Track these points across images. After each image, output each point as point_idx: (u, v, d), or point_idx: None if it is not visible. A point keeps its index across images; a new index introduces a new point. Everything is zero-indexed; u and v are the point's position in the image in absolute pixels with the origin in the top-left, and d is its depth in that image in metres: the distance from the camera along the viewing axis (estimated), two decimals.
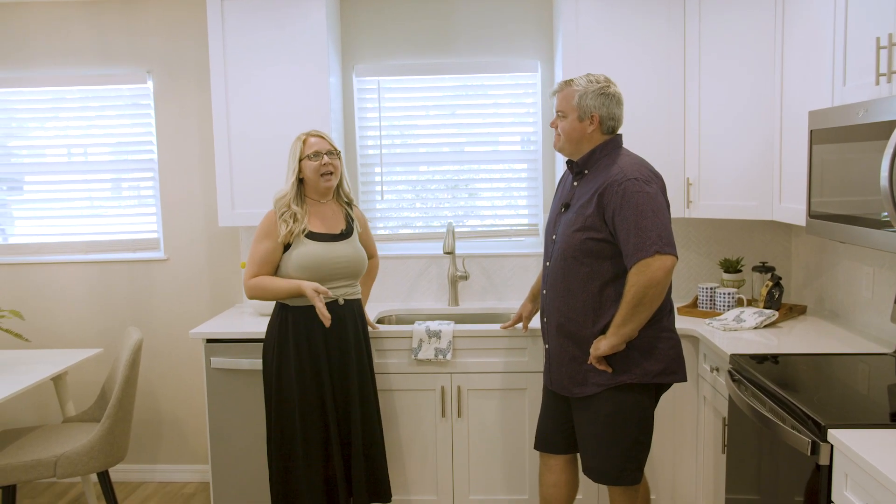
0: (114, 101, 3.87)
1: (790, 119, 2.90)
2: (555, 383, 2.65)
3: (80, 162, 3.93)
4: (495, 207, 3.88)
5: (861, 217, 2.18)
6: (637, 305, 2.37)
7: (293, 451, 2.84)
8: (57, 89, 3.85)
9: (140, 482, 3.98)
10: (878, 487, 1.66)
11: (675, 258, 2.37)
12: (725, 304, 3.30)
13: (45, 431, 3.31)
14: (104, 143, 3.90)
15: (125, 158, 3.90)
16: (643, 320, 2.41)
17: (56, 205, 3.97)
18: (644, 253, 2.34)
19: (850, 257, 3.04)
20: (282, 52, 3.41)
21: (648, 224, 2.35)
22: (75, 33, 3.79)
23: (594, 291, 2.49)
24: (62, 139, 3.91)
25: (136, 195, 3.97)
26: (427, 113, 3.82)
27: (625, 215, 2.37)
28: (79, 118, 3.88)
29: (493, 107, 3.79)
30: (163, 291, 3.92)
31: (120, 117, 3.88)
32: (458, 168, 3.85)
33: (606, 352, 2.45)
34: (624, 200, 2.37)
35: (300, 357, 2.82)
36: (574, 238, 2.49)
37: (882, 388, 2.31)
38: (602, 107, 2.50)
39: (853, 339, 2.85)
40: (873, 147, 2.09)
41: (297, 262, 2.81)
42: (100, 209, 3.96)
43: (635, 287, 2.36)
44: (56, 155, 3.93)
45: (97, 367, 3.90)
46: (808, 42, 2.73)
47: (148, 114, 3.85)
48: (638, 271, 2.36)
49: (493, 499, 3.27)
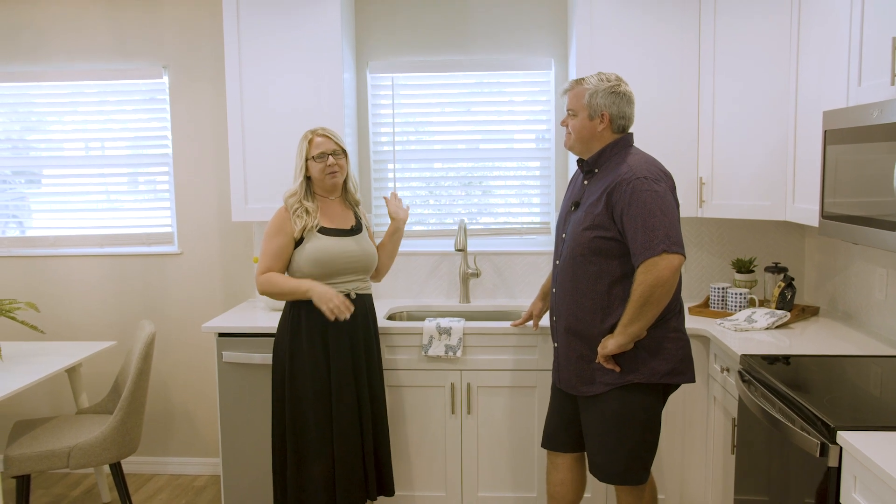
0: (130, 96, 3.90)
1: (804, 119, 2.88)
2: (563, 382, 2.65)
3: (97, 156, 3.97)
4: (508, 205, 3.89)
5: (875, 218, 2.17)
6: (644, 304, 2.36)
7: (306, 445, 2.85)
8: (74, 84, 3.89)
9: (152, 474, 4.02)
10: (886, 490, 1.65)
11: (683, 257, 2.37)
12: (737, 305, 3.28)
13: (59, 422, 3.35)
14: (120, 137, 3.93)
15: (141, 153, 3.94)
16: (650, 319, 2.41)
17: (73, 198, 4.01)
18: (651, 252, 2.33)
19: (864, 259, 3.02)
20: (296, 49, 3.43)
21: (656, 223, 2.34)
22: (93, 28, 3.83)
23: (602, 290, 2.48)
24: (80, 133, 3.95)
25: (150, 189, 4.00)
26: (441, 110, 3.82)
27: (633, 213, 2.37)
28: (96, 112, 3.92)
29: (507, 104, 3.79)
30: (176, 285, 3.95)
31: (136, 112, 3.92)
32: (471, 165, 3.86)
33: (614, 351, 2.45)
34: (633, 199, 2.37)
35: (314, 351, 2.84)
36: (583, 237, 2.48)
37: (894, 391, 2.29)
38: (612, 105, 2.50)
39: (866, 340, 2.83)
40: (888, 148, 2.07)
41: (311, 256, 2.82)
42: (115, 203, 4.00)
43: (642, 286, 2.36)
44: (73, 149, 3.97)
45: (110, 359, 3.94)
46: (823, 42, 2.71)
47: (164, 108, 3.88)
48: (645, 270, 2.35)
49: (501, 496, 3.27)
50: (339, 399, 2.84)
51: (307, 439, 2.85)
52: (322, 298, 2.74)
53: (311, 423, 2.84)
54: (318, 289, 2.76)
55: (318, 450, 2.84)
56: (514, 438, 3.24)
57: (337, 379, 2.84)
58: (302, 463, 2.86)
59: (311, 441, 2.84)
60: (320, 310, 2.74)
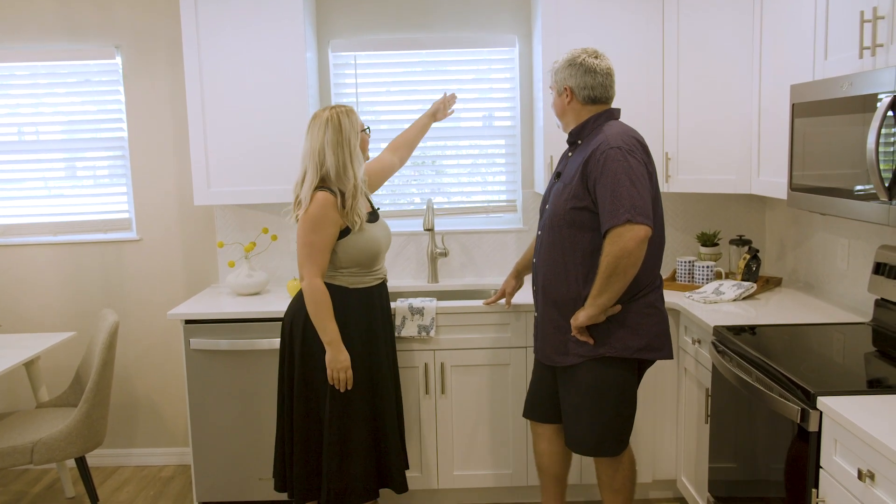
0: (79, 77, 3.75)
1: (769, 93, 2.92)
2: (539, 352, 2.69)
3: (44, 140, 3.81)
4: (472, 184, 3.87)
5: (844, 189, 2.22)
6: (611, 276, 2.36)
7: (352, 431, 2.75)
8: (19, 65, 3.71)
9: (117, 466, 3.92)
10: (869, 451, 1.70)
11: (649, 228, 2.35)
12: (704, 278, 3.34)
13: (19, 417, 3.24)
14: (69, 120, 3.78)
15: (93, 136, 3.79)
16: (618, 291, 2.41)
17: (19, 185, 3.84)
18: (616, 220, 2.33)
19: (826, 229, 3.10)
20: (257, 27, 3.33)
21: (623, 192, 2.33)
22: (40, 6, 3.66)
23: (577, 261, 2.50)
24: (23, 117, 3.78)
25: (105, 174, 3.86)
26: (406, 88, 3.77)
27: (603, 183, 2.37)
28: (44, 94, 3.75)
29: (471, 82, 3.76)
30: (136, 272, 3.83)
31: (86, 94, 3.76)
32: (437, 144, 3.82)
33: (584, 323, 2.46)
34: (605, 168, 2.37)
35: (362, 337, 2.76)
36: (562, 207, 2.50)
37: (861, 357, 2.37)
38: (571, 77, 2.52)
39: (830, 309, 2.91)
40: (858, 120, 2.12)
41: (366, 247, 2.72)
42: (66, 189, 3.85)
43: (609, 257, 2.36)
44: (14, 133, 3.80)
45: (69, 351, 3.82)
46: (788, 16, 2.75)
47: (117, 90, 3.74)
48: (611, 241, 2.35)
49: (477, 474, 3.29)
50: (380, 377, 2.81)
51: (357, 425, 2.75)
52: (337, 361, 2.66)
53: (360, 402, 2.75)
54: (338, 350, 2.66)
55: (367, 428, 2.77)
56: (488, 417, 3.25)
57: (377, 360, 2.81)
58: (346, 444, 2.74)
59: (359, 420, 2.75)
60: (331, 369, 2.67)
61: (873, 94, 2.04)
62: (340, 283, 2.74)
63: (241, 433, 3.24)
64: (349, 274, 2.75)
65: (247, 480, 3.27)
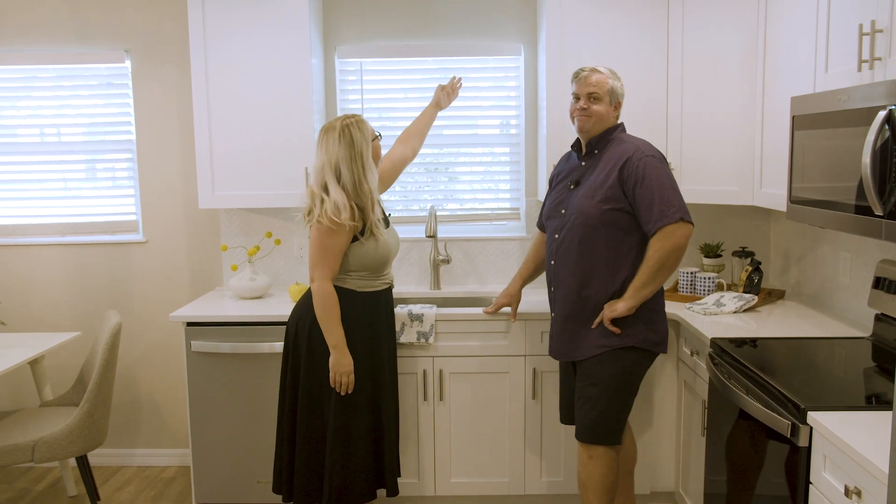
0: (89, 80, 3.80)
1: (772, 105, 2.91)
2: (556, 349, 2.78)
3: (55, 143, 3.86)
4: (475, 191, 3.88)
5: (842, 202, 2.20)
6: (659, 269, 2.54)
7: (355, 431, 2.78)
8: (31, 67, 3.77)
9: (119, 466, 3.95)
10: (856, 468, 1.68)
11: (693, 226, 2.56)
12: (706, 289, 3.33)
13: (23, 416, 3.27)
14: (79, 123, 3.83)
15: (101, 139, 3.84)
16: (660, 284, 2.59)
17: (30, 186, 3.89)
18: (669, 219, 2.51)
19: (829, 243, 3.07)
20: (263, 33, 3.36)
21: (671, 195, 2.55)
22: (51, 10, 3.71)
23: (610, 258, 2.63)
24: (35, 119, 3.83)
25: (112, 177, 3.91)
26: (410, 95, 3.79)
27: (648, 186, 2.55)
28: (52, 97, 3.81)
29: (476, 90, 3.77)
30: (142, 274, 3.87)
31: (96, 97, 3.81)
32: (440, 151, 3.83)
33: (623, 313, 2.58)
34: (646, 173, 2.56)
35: (365, 340, 2.80)
36: (595, 209, 2.62)
37: (859, 372, 2.35)
38: (622, 96, 2.76)
39: (831, 323, 2.89)
40: (855, 133, 2.10)
41: (379, 253, 2.76)
42: (76, 191, 3.90)
43: (659, 252, 2.52)
44: (29, 135, 3.85)
45: (74, 350, 3.86)
46: (790, 29, 2.74)
47: (126, 94, 3.79)
48: (662, 237, 2.52)
49: (474, 482, 3.28)
50: (381, 380, 2.85)
51: (357, 418, 2.78)
52: (340, 365, 2.70)
53: (363, 401, 2.79)
54: (342, 354, 2.70)
55: (368, 427, 2.82)
56: (486, 424, 3.25)
57: (379, 363, 2.85)
58: (349, 443, 2.77)
59: (361, 419, 2.79)
60: (334, 372, 2.71)
61: (870, 108, 2.02)
62: (349, 286, 2.77)
63: (240, 436, 3.26)
64: (358, 278, 2.78)
65: (246, 483, 3.29)
